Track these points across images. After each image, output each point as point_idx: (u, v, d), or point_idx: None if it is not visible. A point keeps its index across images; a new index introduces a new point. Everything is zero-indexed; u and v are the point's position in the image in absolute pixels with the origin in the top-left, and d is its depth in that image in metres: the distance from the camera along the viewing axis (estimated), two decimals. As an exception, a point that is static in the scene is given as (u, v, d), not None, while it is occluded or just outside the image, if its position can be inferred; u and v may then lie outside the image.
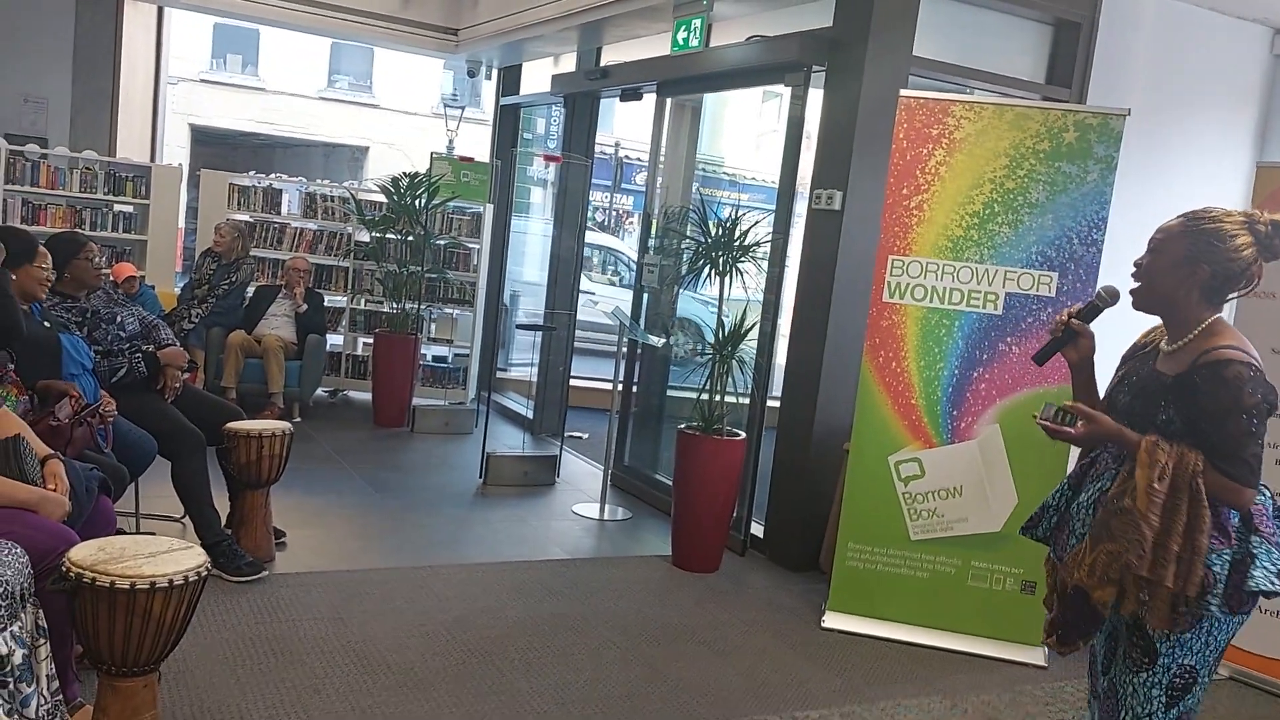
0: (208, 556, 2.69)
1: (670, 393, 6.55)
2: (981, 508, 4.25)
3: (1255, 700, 4.00)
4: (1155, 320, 2.33)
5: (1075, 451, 2.45)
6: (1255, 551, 2.07)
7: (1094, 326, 2.38)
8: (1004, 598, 4.24)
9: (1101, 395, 2.42)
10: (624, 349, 5.98)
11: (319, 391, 7.77)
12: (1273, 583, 2.06)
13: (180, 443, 4.04)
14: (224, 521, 4.21)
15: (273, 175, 8.32)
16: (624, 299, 7.11)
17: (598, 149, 7.99)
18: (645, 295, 6.36)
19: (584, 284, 7.66)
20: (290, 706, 3.12)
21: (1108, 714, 2.29)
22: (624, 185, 17.65)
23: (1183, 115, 5.71)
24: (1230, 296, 2.21)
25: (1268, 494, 2.17)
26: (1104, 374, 2.42)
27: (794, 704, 3.52)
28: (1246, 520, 2.10)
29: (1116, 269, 2.65)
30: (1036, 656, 4.14)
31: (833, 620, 4.33)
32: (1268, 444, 4.18)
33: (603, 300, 8.39)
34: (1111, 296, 2.35)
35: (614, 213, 18.33)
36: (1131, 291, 2.28)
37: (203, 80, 19.72)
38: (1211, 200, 6.07)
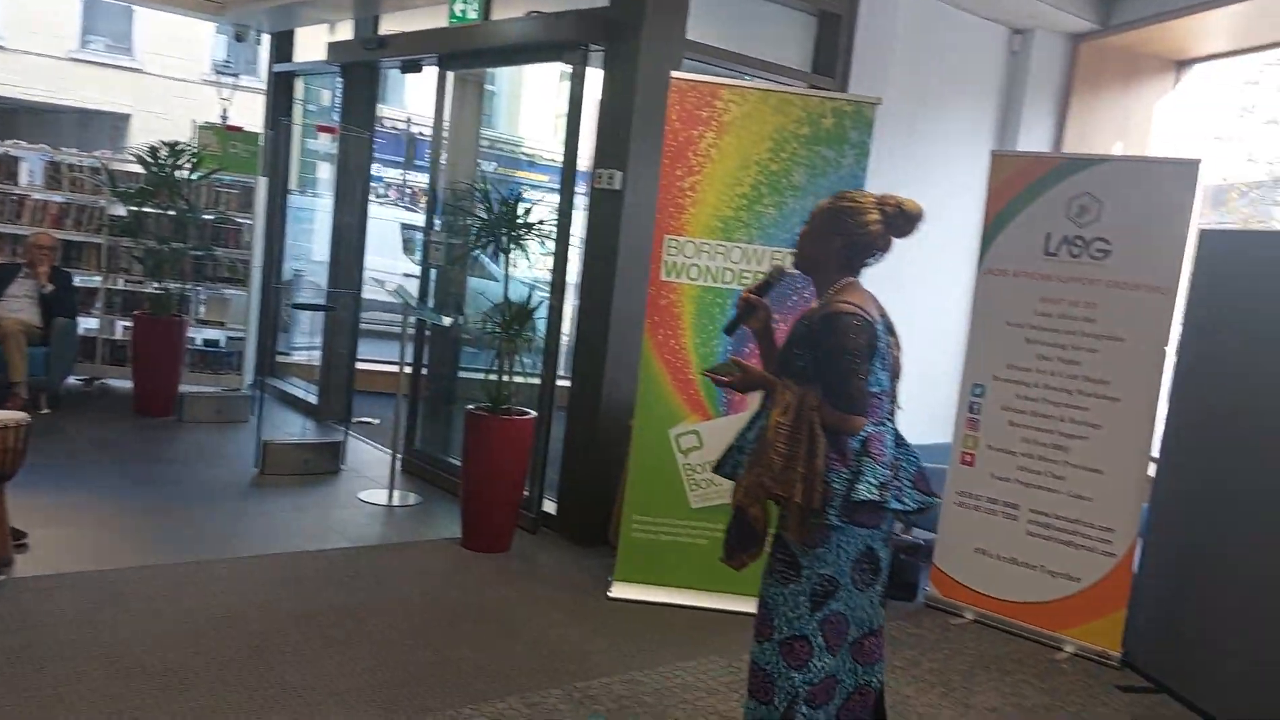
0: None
1: (463, 374, 6.45)
2: (755, 476, 4.45)
3: (995, 639, 4.41)
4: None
5: None
6: (864, 470, 2.47)
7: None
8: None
9: None
10: (411, 330, 5.83)
11: (71, 380, 7.22)
12: (873, 493, 2.45)
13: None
14: (-50, 525, 3.80)
15: (9, 142, 7.52)
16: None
17: (389, 124, 7.72)
18: (433, 273, 6.22)
19: (409, 268, 7.42)
20: (28, 717, 2.86)
21: (762, 622, 2.61)
22: (418, 162, 17.21)
23: (935, 106, 6.15)
24: (866, 263, 2.61)
25: (890, 425, 2.58)
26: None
27: (578, 675, 3.58)
28: (865, 445, 2.49)
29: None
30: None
31: (619, 591, 4.42)
32: (1002, 407, 4.61)
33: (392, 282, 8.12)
34: (780, 273, 2.78)
35: (408, 190, 17.84)
36: (793, 255, 2.73)
37: (-73, 35, 17.52)
38: (960, 185, 6.53)
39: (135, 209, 7.03)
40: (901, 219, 2.55)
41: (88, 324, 7.38)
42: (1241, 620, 3.72)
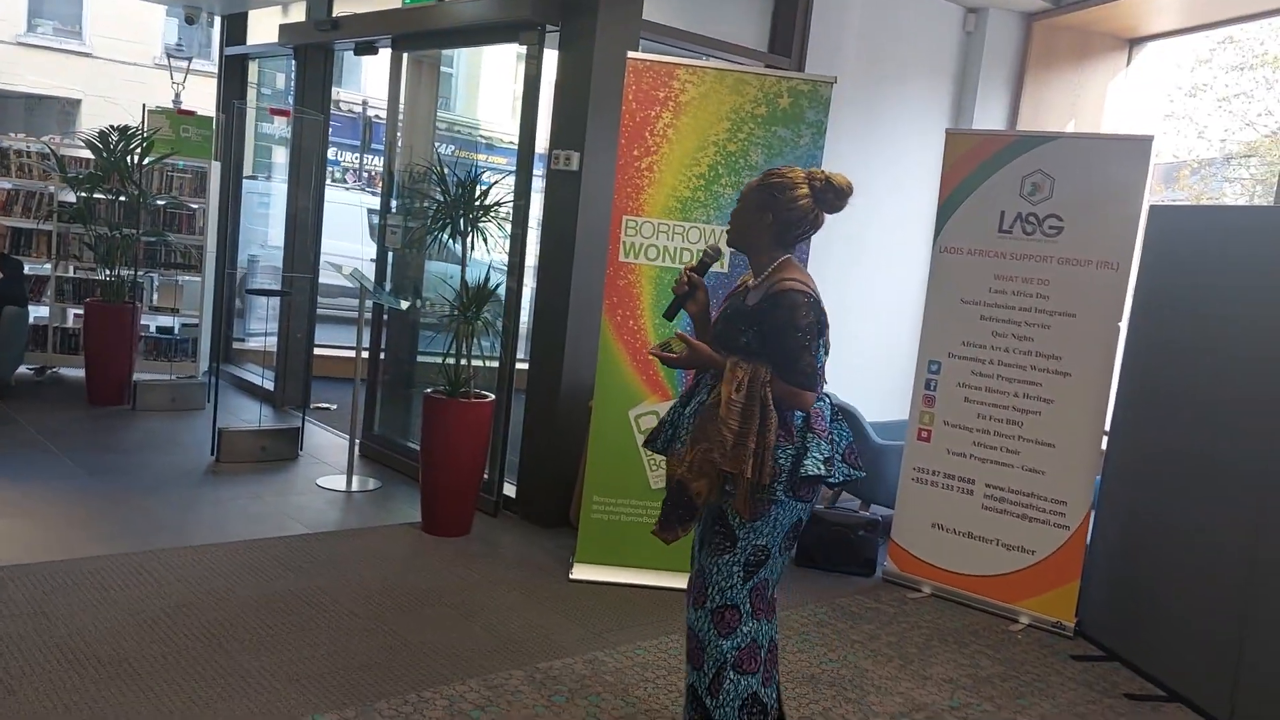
0: None
1: (421, 358, 6.41)
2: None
3: (952, 612, 4.48)
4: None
5: None
6: (809, 446, 2.53)
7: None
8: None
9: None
10: (368, 314, 5.77)
11: (23, 369, 7.09)
12: (819, 468, 2.52)
13: None
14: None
15: (-47, 127, 7.35)
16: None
17: (346, 107, 7.62)
18: (389, 256, 6.16)
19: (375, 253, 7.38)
20: (-23, 714, 2.82)
21: (697, 591, 2.67)
22: (375, 145, 17.03)
23: (891, 85, 6.18)
24: (799, 238, 2.66)
25: (827, 400, 2.63)
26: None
27: (539, 656, 3.58)
28: (807, 421, 2.55)
29: (830, 229, 2.85)
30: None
31: (580, 572, 4.42)
32: (958, 384, 4.66)
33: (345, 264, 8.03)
34: (716, 251, 2.83)
35: (366, 174, 17.66)
36: (726, 233, 2.76)
37: None
38: (916, 164, 6.57)
39: (85, 195, 6.89)
40: (830, 193, 2.59)
41: (38, 312, 7.25)
42: (1190, 589, 3.80)
